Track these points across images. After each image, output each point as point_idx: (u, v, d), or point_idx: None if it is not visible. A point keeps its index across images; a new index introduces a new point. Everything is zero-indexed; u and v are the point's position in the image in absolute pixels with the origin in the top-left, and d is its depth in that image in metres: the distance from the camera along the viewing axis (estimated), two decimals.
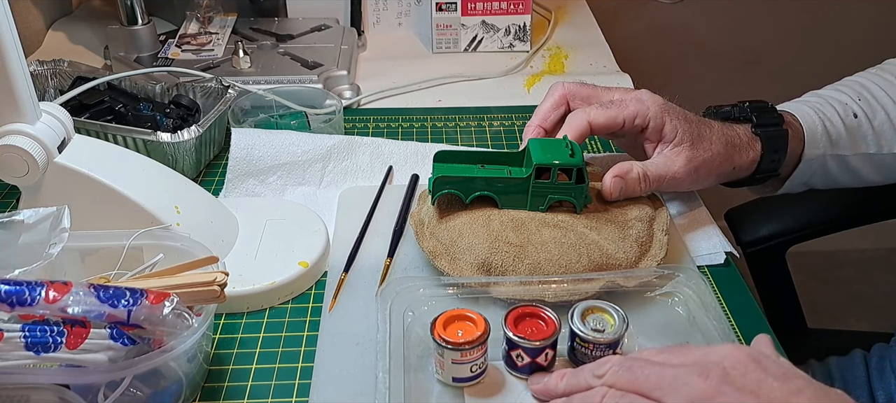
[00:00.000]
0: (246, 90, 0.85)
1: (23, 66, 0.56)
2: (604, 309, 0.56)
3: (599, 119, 0.66)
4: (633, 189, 0.65)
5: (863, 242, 1.92)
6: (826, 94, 0.76)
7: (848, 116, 0.73)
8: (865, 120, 0.73)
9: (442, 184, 0.64)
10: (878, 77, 0.77)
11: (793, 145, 0.71)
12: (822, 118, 0.72)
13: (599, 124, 0.66)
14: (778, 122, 0.70)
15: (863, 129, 0.73)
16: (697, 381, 0.43)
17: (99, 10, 1.24)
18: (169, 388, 0.52)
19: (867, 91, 0.75)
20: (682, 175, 0.66)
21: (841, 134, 0.73)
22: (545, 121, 0.69)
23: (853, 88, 0.76)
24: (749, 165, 0.70)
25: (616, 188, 0.65)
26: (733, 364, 0.43)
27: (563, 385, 0.50)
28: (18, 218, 0.55)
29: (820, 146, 0.72)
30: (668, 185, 0.67)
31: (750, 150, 0.69)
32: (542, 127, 0.69)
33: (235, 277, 0.60)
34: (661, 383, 0.44)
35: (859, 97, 0.74)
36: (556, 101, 0.69)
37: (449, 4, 1.08)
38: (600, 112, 0.67)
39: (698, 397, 0.42)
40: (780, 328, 0.62)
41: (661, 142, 0.67)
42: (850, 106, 0.74)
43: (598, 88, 0.70)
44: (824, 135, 0.72)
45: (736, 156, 0.69)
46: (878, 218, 0.96)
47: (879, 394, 0.77)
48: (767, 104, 0.73)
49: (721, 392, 0.42)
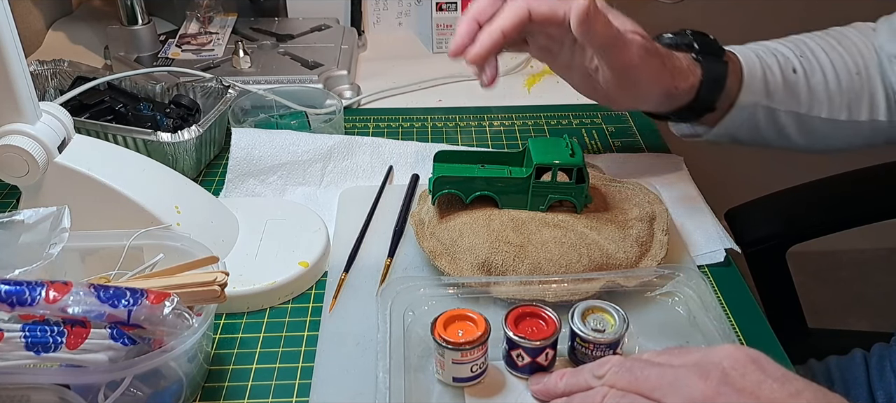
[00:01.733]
0: (246, 90, 0.85)
1: (23, 66, 0.56)
2: (604, 309, 0.56)
3: (541, 7, 0.61)
4: (599, 17, 0.60)
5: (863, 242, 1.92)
6: (770, 45, 0.76)
7: (788, 69, 0.73)
8: (803, 77, 0.73)
9: (442, 184, 0.64)
10: (823, 39, 0.76)
11: (731, 81, 0.70)
12: (763, 65, 0.72)
13: (540, 13, 0.61)
14: (719, 54, 0.70)
15: (799, 86, 0.73)
16: (697, 382, 0.43)
17: (99, 10, 1.24)
18: (169, 388, 0.52)
19: (810, 50, 0.75)
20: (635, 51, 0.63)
21: (778, 85, 0.72)
22: (482, 14, 0.63)
23: (797, 45, 0.75)
24: (688, 91, 0.69)
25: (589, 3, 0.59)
26: (733, 365, 0.43)
27: (562, 385, 0.50)
28: (18, 218, 0.55)
29: (756, 93, 0.71)
30: (622, 54, 0.63)
31: (690, 76, 0.68)
32: (477, 20, 0.63)
33: (235, 277, 0.60)
34: (662, 383, 0.44)
35: (802, 54, 0.74)
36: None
37: (449, 4, 1.08)
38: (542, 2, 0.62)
39: (698, 398, 0.42)
40: (780, 328, 0.62)
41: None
42: (791, 60, 0.73)
43: None
44: (762, 83, 0.71)
45: (677, 75, 0.68)
46: (878, 218, 0.96)
47: (879, 394, 0.77)
48: (709, 36, 0.72)
49: (720, 392, 0.42)
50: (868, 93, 0.75)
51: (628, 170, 0.79)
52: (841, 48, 0.76)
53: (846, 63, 0.75)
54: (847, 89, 0.74)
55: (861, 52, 0.76)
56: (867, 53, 0.76)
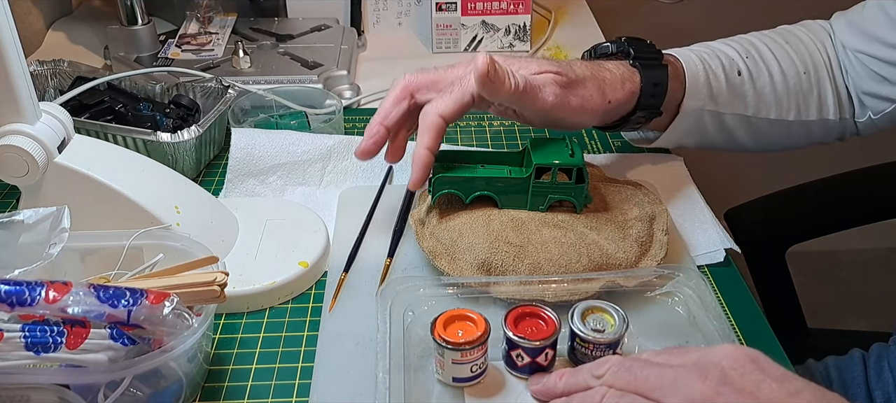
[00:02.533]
0: (246, 90, 0.85)
1: (23, 66, 0.56)
2: (604, 309, 0.56)
3: (448, 107, 0.61)
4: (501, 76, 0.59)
5: (863, 242, 1.92)
6: (715, 46, 0.75)
7: (732, 72, 0.72)
8: (748, 79, 0.72)
9: (442, 184, 0.64)
10: (770, 39, 0.76)
11: (674, 85, 0.69)
12: (706, 68, 0.71)
13: (450, 113, 0.61)
14: (657, 57, 0.69)
15: (744, 88, 0.72)
16: (696, 382, 0.43)
17: (99, 10, 1.24)
18: (169, 388, 0.52)
19: (756, 50, 0.74)
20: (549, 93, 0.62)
21: (722, 89, 0.71)
22: (386, 119, 0.64)
23: (743, 45, 0.74)
24: (628, 98, 0.67)
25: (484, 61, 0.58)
26: (732, 365, 0.43)
27: (562, 384, 0.50)
28: (18, 218, 0.55)
29: (700, 97, 0.70)
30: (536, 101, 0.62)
31: (626, 83, 0.67)
32: (383, 125, 0.64)
33: (235, 277, 0.60)
34: (661, 383, 0.44)
35: (747, 55, 0.73)
36: (397, 97, 0.65)
37: (449, 4, 1.08)
38: (446, 100, 0.61)
39: (697, 397, 0.43)
40: (780, 328, 0.62)
41: None
42: (736, 62, 0.72)
43: (439, 70, 0.65)
44: (706, 87, 0.70)
45: (609, 91, 0.66)
46: (878, 218, 0.96)
47: (877, 394, 0.77)
48: (646, 41, 0.71)
49: (720, 392, 0.42)
50: (817, 92, 0.74)
51: (628, 170, 0.79)
52: (788, 47, 0.75)
53: (794, 62, 0.74)
54: (794, 89, 0.73)
55: (809, 51, 0.75)
56: (816, 52, 0.76)
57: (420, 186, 0.63)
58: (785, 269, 0.99)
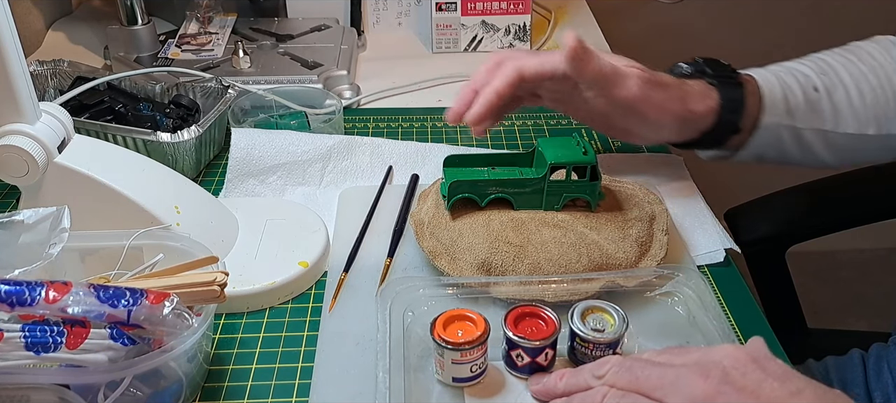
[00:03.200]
0: (246, 90, 0.85)
1: (23, 66, 0.56)
2: (604, 309, 0.56)
3: (528, 65, 0.65)
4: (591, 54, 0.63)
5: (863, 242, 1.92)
6: (788, 65, 0.75)
7: (808, 88, 0.72)
8: (825, 94, 0.72)
9: (457, 189, 0.64)
10: (841, 56, 0.76)
11: (751, 101, 0.70)
12: (782, 85, 0.72)
13: (530, 69, 0.65)
14: (733, 75, 0.70)
15: (822, 104, 0.72)
16: (698, 381, 0.43)
17: (99, 10, 1.24)
18: (169, 388, 0.52)
19: (830, 66, 0.74)
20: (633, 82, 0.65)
21: (800, 104, 0.72)
22: (479, 82, 0.69)
23: (816, 63, 0.75)
24: (707, 113, 0.69)
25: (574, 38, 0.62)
26: (734, 364, 0.44)
27: (562, 385, 0.50)
28: (18, 218, 0.55)
29: (778, 113, 0.71)
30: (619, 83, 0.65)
31: (706, 99, 0.68)
32: (475, 88, 0.68)
33: (235, 277, 0.60)
34: (663, 383, 0.44)
35: (821, 72, 0.73)
36: (489, 66, 0.69)
37: (449, 4, 1.08)
38: (529, 59, 0.66)
39: (699, 397, 0.43)
40: (780, 328, 0.62)
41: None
42: (811, 78, 0.73)
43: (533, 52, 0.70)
44: (783, 103, 0.71)
45: (690, 101, 0.68)
46: (878, 218, 0.96)
47: (876, 394, 0.77)
48: (722, 62, 0.72)
49: (721, 392, 0.42)
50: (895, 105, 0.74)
51: (628, 170, 0.79)
52: (861, 64, 0.75)
53: (868, 78, 0.74)
54: (872, 104, 0.73)
55: (883, 66, 0.75)
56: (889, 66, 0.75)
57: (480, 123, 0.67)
58: (785, 269, 0.99)
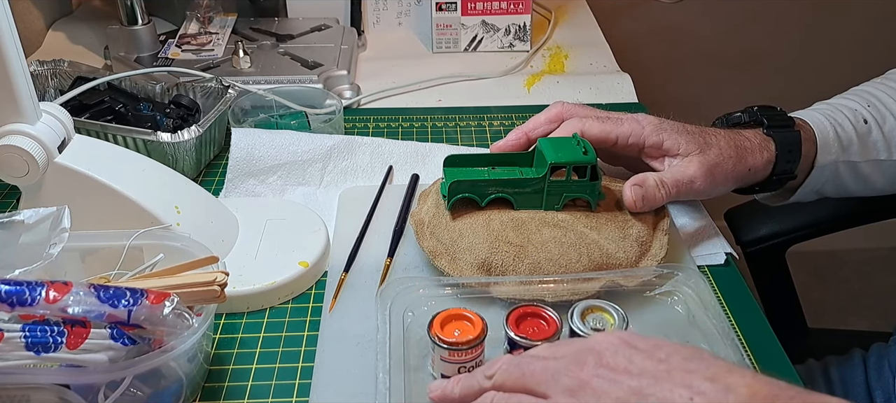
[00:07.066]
0: (246, 90, 0.85)
1: (23, 66, 0.56)
2: (604, 309, 0.56)
3: (593, 129, 0.67)
4: (653, 196, 0.65)
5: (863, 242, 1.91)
6: (835, 102, 0.76)
7: (858, 122, 0.73)
8: (875, 126, 0.73)
9: (458, 189, 0.64)
10: (884, 85, 0.77)
11: (806, 147, 0.70)
12: (833, 124, 0.72)
13: (593, 135, 0.67)
14: (789, 123, 0.71)
15: (873, 135, 0.73)
16: (574, 370, 0.45)
17: (99, 10, 1.24)
18: (169, 388, 0.52)
19: (875, 98, 0.75)
20: (698, 178, 0.66)
21: (852, 139, 0.73)
22: (534, 131, 0.70)
23: (861, 96, 0.76)
24: (765, 165, 0.69)
25: (637, 196, 0.65)
26: (606, 348, 0.45)
27: (458, 389, 0.50)
28: (18, 218, 0.55)
29: (832, 151, 0.72)
30: (685, 191, 0.67)
31: (764, 151, 0.69)
32: (527, 134, 0.70)
33: (235, 277, 0.60)
34: (545, 377, 0.45)
35: (868, 104, 0.74)
36: (551, 117, 0.70)
37: (449, 4, 1.08)
38: (595, 123, 0.67)
39: (576, 385, 0.44)
40: (781, 327, 0.62)
41: (666, 156, 0.68)
42: (860, 112, 0.74)
43: (596, 110, 0.70)
44: (836, 141, 0.72)
45: (748, 157, 0.69)
46: (878, 217, 0.96)
47: (877, 394, 0.77)
48: (776, 108, 0.73)
49: (597, 375, 0.44)
50: None
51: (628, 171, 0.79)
52: None
53: None
54: None
55: None
56: None
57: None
58: (785, 269, 0.99)
